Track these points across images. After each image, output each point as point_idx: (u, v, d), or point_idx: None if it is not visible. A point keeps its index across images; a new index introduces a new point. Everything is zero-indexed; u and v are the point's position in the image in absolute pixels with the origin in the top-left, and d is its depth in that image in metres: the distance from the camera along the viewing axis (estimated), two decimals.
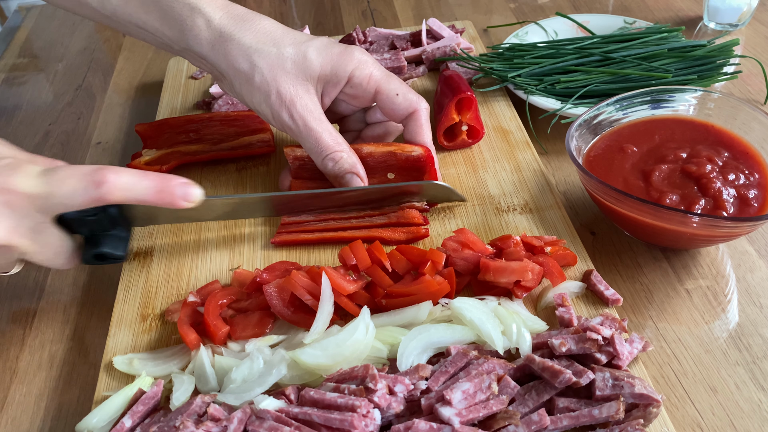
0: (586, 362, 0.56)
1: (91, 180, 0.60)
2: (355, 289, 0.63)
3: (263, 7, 1.32)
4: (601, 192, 0.66)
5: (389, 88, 0.73)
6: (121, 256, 0.67)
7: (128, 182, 0.61)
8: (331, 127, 0.72)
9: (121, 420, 0.54)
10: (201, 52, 0.71)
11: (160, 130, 0.88)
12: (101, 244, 0.66)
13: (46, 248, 0.62)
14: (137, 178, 0.62)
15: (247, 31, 0.70)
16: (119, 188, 0.61)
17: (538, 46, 0.95)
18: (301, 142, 0.72)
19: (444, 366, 0.56)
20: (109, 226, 0.65)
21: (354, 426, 0.50)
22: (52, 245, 0.62)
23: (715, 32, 1.07)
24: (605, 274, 0.69)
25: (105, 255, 0.66)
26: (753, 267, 0.69)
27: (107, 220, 0.65)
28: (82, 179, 0.60)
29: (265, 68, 0.69)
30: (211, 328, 0.61)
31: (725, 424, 0.56)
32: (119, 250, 0.67)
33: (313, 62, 0.70)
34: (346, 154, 0.72)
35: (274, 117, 0.71)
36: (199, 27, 0.70)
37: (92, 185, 0.60)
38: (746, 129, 0.72)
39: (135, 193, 0.62)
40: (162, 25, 0.71)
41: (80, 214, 0.62)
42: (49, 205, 0.60)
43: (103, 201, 0.61)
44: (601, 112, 0.75)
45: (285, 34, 0.71)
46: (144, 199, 0.62)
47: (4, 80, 1.15)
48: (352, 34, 1.03)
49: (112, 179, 0.60)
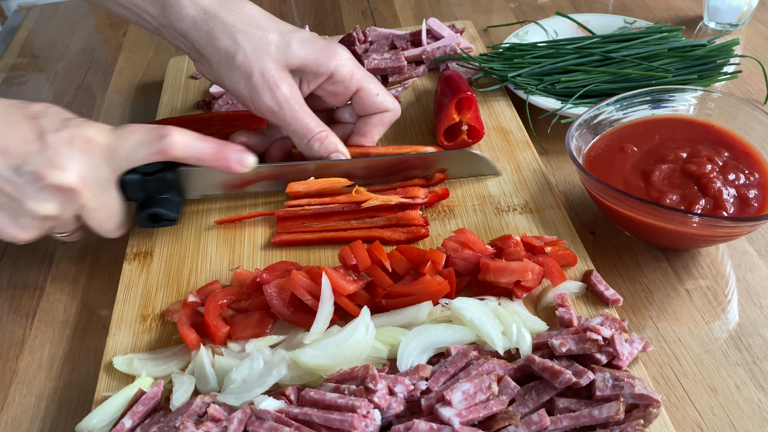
0: (586, 362, 0.56)
1: (156, 134, 0.65)
2: (355, 289, 0.63)
3: (263, 6, 1.32)
4: (601, 192, 0.66)
5: (370, 87, 0.76)
6: (175, 217, 0.73)
7: (189, 140, 0.67)
8: (310, 109, 0.74)
9: (121, 420, 0.54)
10: (182, 29, 0.71)
11: None
12: (157, 204, 0.71)
13: (104, 209, 0.66)
14: (197, 138, 0.67)
15: (232, 12, 0.71)
16: (181, 143, 0.66)
17: (538, 46, 0.95)
18: (283, 124, 0.74)
19: (444, 366, 0.56)
20: (164, 189, 0.71)
21: (354, 426, 0.50)
22: (109, 206, 0.67)
23: (715, 32, 1.07)
24: (605, 274, 0.69)
25: (160, 215, 0.71)
26: (753, 267, 0.69)
27: (164, 183, 0.71)
28: (147, 133, 0.66)
29: (248, 48, 0.70)
30: (211, 328, 0.61)
31: (725, 424, 0.56)
32: (174, 211, 0.72)
33: (296, 51, 0.71)
34: (330, 135, 0.74)
35: (252, 99, 0.72)
36: (182, 3, 0.70)
37: (156, 138, 0.65)
38: (746, 129, 0.72)
39: (195, 151, 0.67)
40: (144, 1, 0.71)
41: (141, 174, 0.68)
42: (117, 157, 0.65)
43: (165, 154, 0.66)
44: (601, 112, 0.75)
45: (269, 20, 0.73)
46: (202, 159, 0.67)
47: (4, 80, 1.15)
48: (352, 33, 1.03)
49: (174, 135, 0.66)
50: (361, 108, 0.78)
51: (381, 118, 0.78)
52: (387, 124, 0.79)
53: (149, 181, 0.69)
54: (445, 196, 0.76)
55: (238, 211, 0.78)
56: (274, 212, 0.75)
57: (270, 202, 0.78)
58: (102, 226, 0.68)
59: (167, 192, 0.71)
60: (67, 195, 0.63)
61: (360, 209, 0.74)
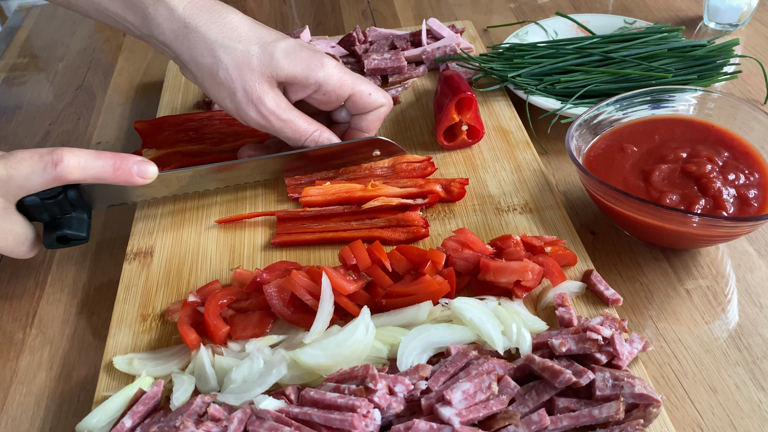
0: (586, 362, 0.56)
1: (49, 160, 0.62)
2: (355, 289, 0.63)
3: (263, 7, 1.32)
4: (601, 192, 0.66)
5: (361, 89, 0.76)
6: (84, 237, 0.69)
7: (84, 161, 0.63)
8: (299, 111, 0.74)
9: (121, 420, 0.54)
10: (164, 41, 0.71)
11: (159, 128, 0.88)
12: (63, 226, 0.68)
13: (9, 236, 0.64)
14: (93, 157, 0.64)
15: (213, 24, 0.70)
16: (76, 167, 0.63)
17: (538, 46, 0.95)
18: (274, 134, 0.74)
19: (444, 366, 0.56)
20: (69, 209, 0.68)
21: (354, 426, 0.50)
22: (14, 233, 0.64)
23: (715, 32, 1.07)
24: (605, 274, 0.69)
25: (68, 237, 0.68)
26: (753, 267, 0.69)
27: (67, 203, 0.67)
28: (39, 160, 0.62)
29: (230, 65, 0.69)
30: (211, 328, 0.61)
31: (725, 424, 0.56)
32: (82, 231, 0.69)
33: (280, 63, 0.70)
34: (324, 132, 0.75)
35: (239, 113, 0.72)
36: (162, 16, 0.69)
37: (50, 165, 0.62)
38: (746, 129, 0.72)
39: (91, 171, 0.64)
40: (124, 11, 0.71)
41: (40, 197, 0.65)
42: (9, 188, 0.62)
43: (61, 180, 0.63)
44: (601, 112, 0.75)
45: (252, 30, 0.71)
46: (101, 177, 0.64)
47: (4, 80, 1.15)
48: (352, 33, 1.03)
49: (67, 158, 0.62)
50: (356, 109, 0.78)
51: (377, 114, 0.79)
52: (383, 116, 0.80)
53: (50, 204, 0.66)
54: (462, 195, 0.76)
55: (239, 210, 0.78)
56: (275, 213, 0.75)
57: (270, 201, 0.78)
58: (12, 251, 0.66)
59: (72, 211, 0.68)
60: None
61: (360, 210, 0.74)
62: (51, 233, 0.68)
